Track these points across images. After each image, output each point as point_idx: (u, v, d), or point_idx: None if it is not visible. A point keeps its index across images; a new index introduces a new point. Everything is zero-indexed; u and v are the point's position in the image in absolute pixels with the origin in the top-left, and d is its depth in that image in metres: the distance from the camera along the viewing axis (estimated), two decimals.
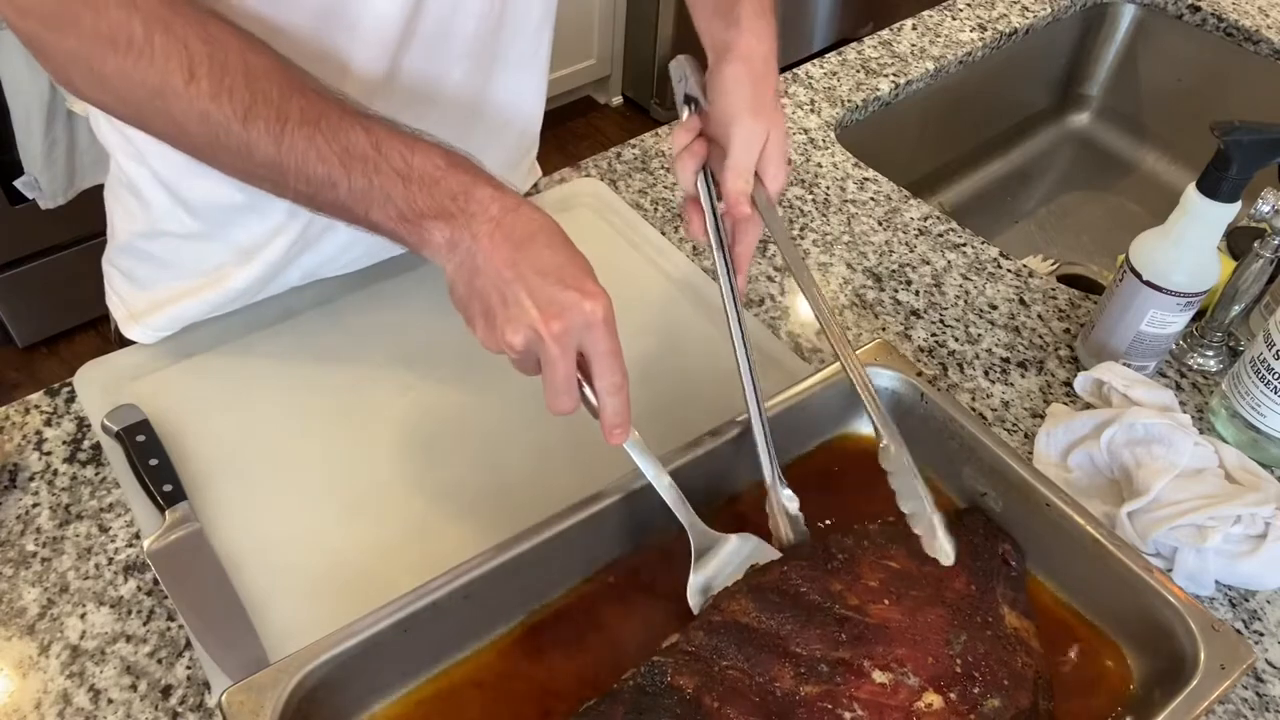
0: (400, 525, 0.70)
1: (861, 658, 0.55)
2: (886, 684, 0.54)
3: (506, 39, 0.74)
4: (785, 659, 0.54)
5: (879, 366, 0.72)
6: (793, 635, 0.55)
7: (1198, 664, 0.57)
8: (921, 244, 0.97)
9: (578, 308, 0.52)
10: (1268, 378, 0.73)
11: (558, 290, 0.52)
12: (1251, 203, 0.76)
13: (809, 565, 0.59)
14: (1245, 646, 0.58)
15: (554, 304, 0.52)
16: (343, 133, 0.53)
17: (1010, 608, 0.61)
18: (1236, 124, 0.72)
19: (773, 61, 0.66)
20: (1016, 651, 0.58)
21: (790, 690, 0.53)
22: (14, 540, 0.69)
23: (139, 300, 0.80)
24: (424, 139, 0.55)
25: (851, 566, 0.59)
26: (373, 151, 0.53)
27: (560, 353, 0.52)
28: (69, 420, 0.77)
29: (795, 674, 0.53)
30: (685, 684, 0.52)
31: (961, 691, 0.54)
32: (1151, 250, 0.77)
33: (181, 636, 0.64)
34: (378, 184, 0.53)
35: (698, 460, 0.65)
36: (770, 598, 0.57)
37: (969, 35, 1.25)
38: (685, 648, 0.55)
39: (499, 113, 0.79)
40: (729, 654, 0.54)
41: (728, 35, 0.65)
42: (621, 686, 0.53)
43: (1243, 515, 0.68)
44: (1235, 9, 1.29)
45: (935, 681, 0.54)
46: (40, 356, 2.03)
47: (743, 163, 0.63)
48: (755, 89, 0.63)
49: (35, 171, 1.24)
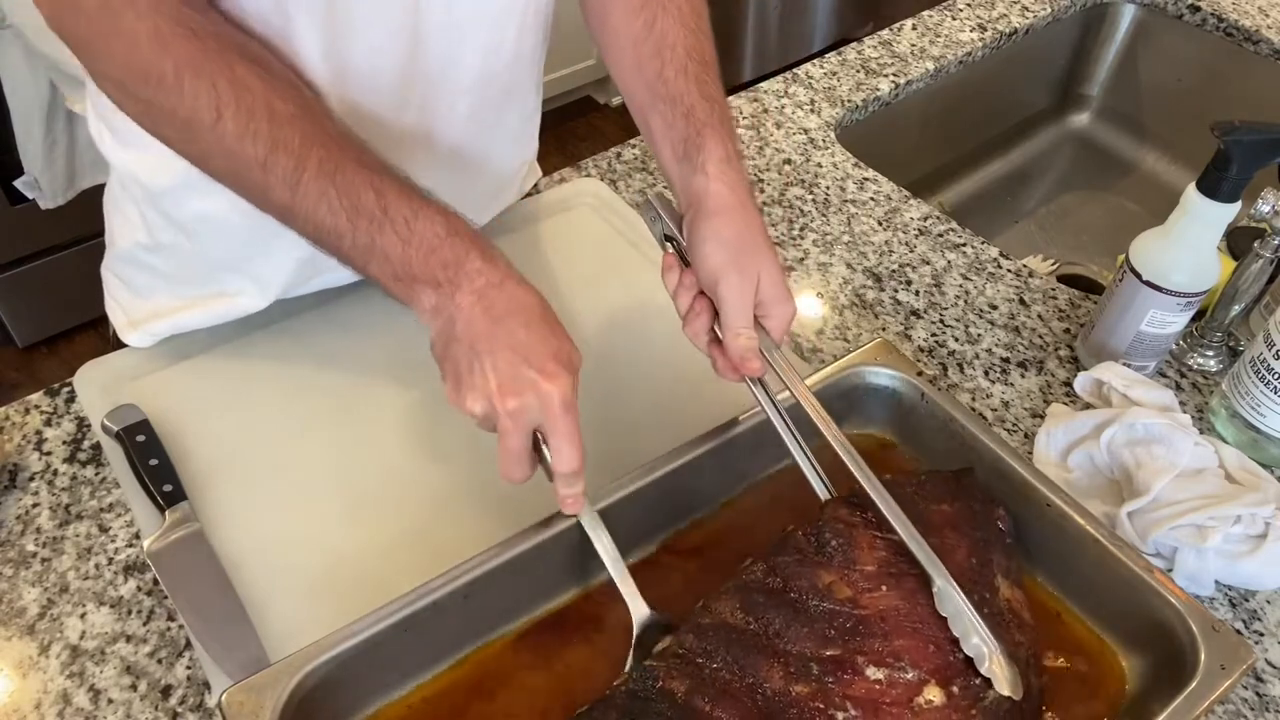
0: (400, 525, 0.70)
1: (854, 654, 0.53)
2: (882, 680, 0.53)
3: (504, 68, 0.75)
4: (775, 659, 0.53)
5: (879, 366, 0.72)
6: (781, 634, 0.54)
7: (1198, 664, 0.57)
8: (921, 244, 0.97)
9: (535, 388, 0.54)
10: (1268, 378, 0.73)
11: (521, 369, 0.54)
12: (1251, 203, 0.76)
13: (798, 560, 0.57)
14: (1245, 647, 0.58)
15: (514, 381, 0.54)
16: (355, 190, 0.56)
17: (1005, 578, 0.60)
18: (1236, 124, 0.72)
19: (749, 205, 0.65)
20: (1012, 629, 0.57)
21: (781, 690, 0.52)
22: (14, 540, 0.69)
23: (139, 308, 0.80)
24: (430, 203, 0.57)
25: (846, 550, 0.57)
26: (379, 213, 0.56)
27: (513, 427, 0.55)
28: (69, 420, 0.77)
29: (785, 674, 0.53)
30: (677, 688, 0.52)
31: (964, 684, 0.53)
32: (1151, 250, 0.77)
33: (181, 636, 0.64)
34: (379, 243, 0.56)
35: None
36: (757, 598, 0.56)
37: (969, 35, 1.25)
38: (676, 651, 0.54)
39: (497, 135, 0.80)
40: (719, 656, 0.54)
41: (696, 186, 0.65)
42: (614, 692, 0.53)
43: (1243, 515, 0.68)
44: (1235, 9, 1.29)
45: (936, 674, 0.53)
46: (40, 356, 2.03)
47: (737, 322, 0.62)
48: (737, 242, 0.62)
49: (35, 171, 1.24)
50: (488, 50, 0.70)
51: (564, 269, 0.91)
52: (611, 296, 0.87)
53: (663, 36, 0.69)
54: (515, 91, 0.77)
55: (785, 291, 0.63)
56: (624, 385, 0.80)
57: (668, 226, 0.67)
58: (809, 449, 0.63)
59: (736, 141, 0.67)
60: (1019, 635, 0.57)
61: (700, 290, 0.64)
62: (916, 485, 0.62)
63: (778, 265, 0.63)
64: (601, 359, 0.82)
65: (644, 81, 0.70)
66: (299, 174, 0.56)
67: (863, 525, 0.58)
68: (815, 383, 0.70)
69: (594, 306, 0.86)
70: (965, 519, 0.61)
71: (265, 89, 0.56)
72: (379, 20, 0.64)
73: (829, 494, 0.62)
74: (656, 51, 0.69)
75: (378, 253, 0.57)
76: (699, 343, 0.65)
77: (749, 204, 0.64)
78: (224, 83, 0.55)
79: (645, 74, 0.69)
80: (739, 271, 0.62)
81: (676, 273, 0.65)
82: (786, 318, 0.64)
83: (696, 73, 0.68)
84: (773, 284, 0.63)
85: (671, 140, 0.67)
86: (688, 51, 0.69)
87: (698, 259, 0.63)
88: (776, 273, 0.63)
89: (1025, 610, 0.59)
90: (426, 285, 0.56)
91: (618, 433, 0.77)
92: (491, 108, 0.76)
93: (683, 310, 0.65)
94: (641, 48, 0.70)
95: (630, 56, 0.71)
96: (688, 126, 0.66)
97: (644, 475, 0.65)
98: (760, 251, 0.63)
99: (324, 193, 0.56)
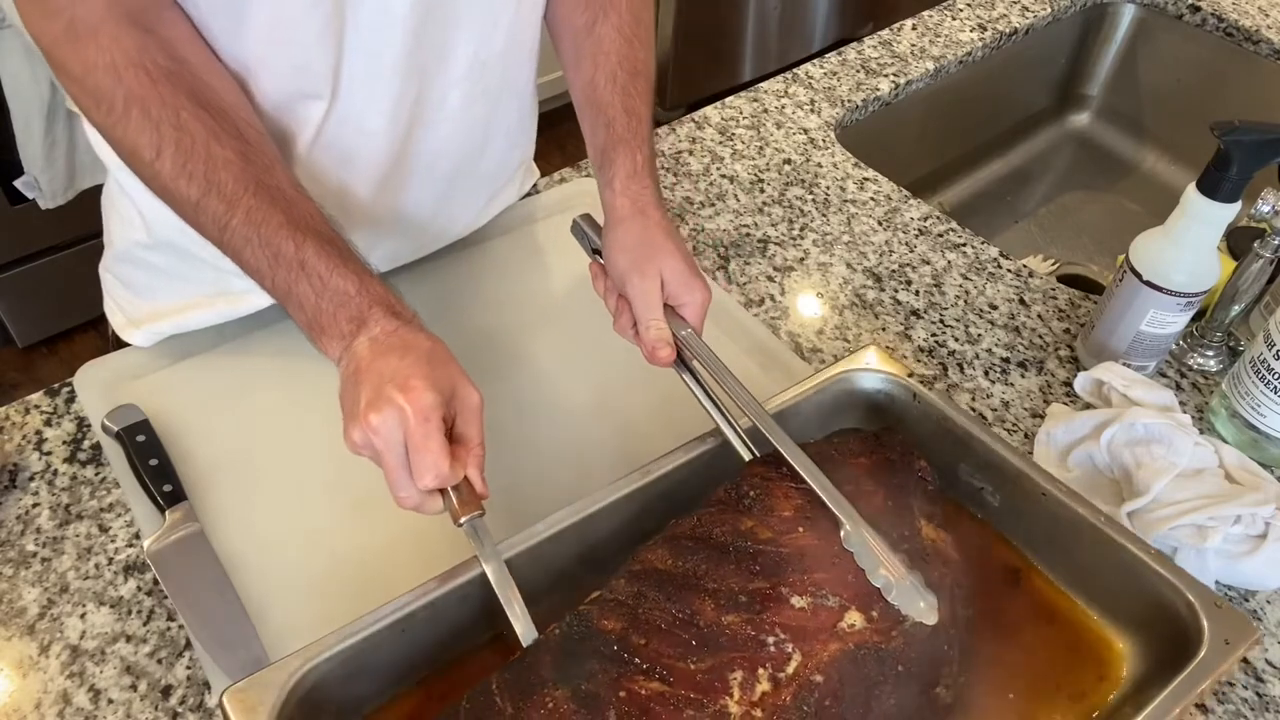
0: (400, 525, 0.70)
1: (778, 585, 0.55)
2: (806, 608, 0.55)
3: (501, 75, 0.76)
4: (705, 595, 0.55)
5: (870, 370, 0.72)
6: (709, 573, 0.56)
7: (1201, 640, 0.57)
8: (921, 244, 0.97)
9: (392, 403, 0.54)
10: (1268, 378, 0.73)
11: (385, 388, 0.55)
12: (1251, 203, 0.76)
13: (719, 510, 0.60)
14: (1250, 624, 0.58)
15: (376, 399, 0.55)
16: (277, 241, 0.59)
17: (927, 520, 0.62)
18: (1236, 124, 0.72)
19: (651, 212, 0.70)
20: (933, 562, 0.59)
21: (713, 621, 0.54)
22: (14, 540, 0.69)
23: (138, 308, 0.80)
24: (348, 263, 0.60)
25: (764, 500, 0.60)
26: (297, 265, 0.59)
27: (384, 447, 0.55)
28: (69, 420, 0.77)
29: (716, 606, 0.55)
30: (611, 627, 0.54)
31: (883, 609, 0.56)
32: (1151, 250, 0.77)
33: (181, 636, 0.64)
34: (295, 292, 0.59)
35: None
36: (685, 543, 0.58)
37: (969, 35, 1.25)
38: (608, 596, 0.56)
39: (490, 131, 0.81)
40: (651, 596, 0.55)
41: (606, 200, 0.71)
42: (547, 637, 0.54)
43: (1243, 515, 0.68)
44: (1235, 9, 1.29)
45: (855, 600, 0.55)
46: (40, 356, 2.03)
47: (645, 316, 0.68)
48: (637, 248, 0.68)
49: (35, 171, 1.23)
50: (480, 40, 0.71)
51: (563, 269, 0.91)
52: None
53: (599, 42, 0.74)
54: (508, 87, 0.78)
55: (693, 281, 0.68)
56: (621, 385, 0.80)
57: (593, 241, 0.75)
58: (735, 422, 0.66)
59: (649, 148, 0.72)
60: (942, 569, 0.59)
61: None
62: (836, 444, 0.65)
63: (682, 259, 0.68)
64: (599, 359, 0.82)
65: (579, 84, 0.75)
66: (227, 218, 0.59)
67: (778, 479, 0.61)
68: (808, 387, 0.71)
69: (593, 306, 0.86)
70: (882, 468, 0.63)
71: (207, 134, 0.59)
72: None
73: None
74: (592, 56, 0.74)
75: (294, 300, 0.60)
76: (626, 336, 0.70)
77: (650, 211, 0.70)
78: (167, 125, 0.59)
79: (581, 77, 0.75)
80: (639, 273, 0.68)
81: (602, 279, 0.73)
82: (698, 304, 0.68)
83: (625, 82, 0.73)
84: (675, 277, 0.68)
85: (593, 148, 0.74)
86: (620, 60, 0.73)
87: (608, 265, 0.71)
88: (679, 265, 0.68)
89: (952, 550, 0.62)
90: (334, 338, 0.59)
91: (616, 431, 0.77)
92: (483, 101, 0.76)
93: (610, 310, 0.72)
94: (581, 49, 0.75)
95: (570, 55, 0.76)
96: (606, 138, 0.72)
97: (641, 478, 0.65)
98: (661, 252, 0.68)
99: (248, 239, 0.59)
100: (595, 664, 0.52)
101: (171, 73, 0.59)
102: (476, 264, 0.91)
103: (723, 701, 0.51)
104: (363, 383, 0.56)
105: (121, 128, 0.59)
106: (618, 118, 0.72)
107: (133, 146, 0.59)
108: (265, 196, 0.60)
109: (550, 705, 0.51)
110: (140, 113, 0.58)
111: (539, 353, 0.83)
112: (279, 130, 0.68)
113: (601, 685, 0.51)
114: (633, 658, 0.52)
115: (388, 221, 0.79)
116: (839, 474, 0.61)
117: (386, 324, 0.59)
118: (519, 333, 0.85)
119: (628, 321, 0.70)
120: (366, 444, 0.56)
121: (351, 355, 0.58)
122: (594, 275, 0.74)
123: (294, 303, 0.60)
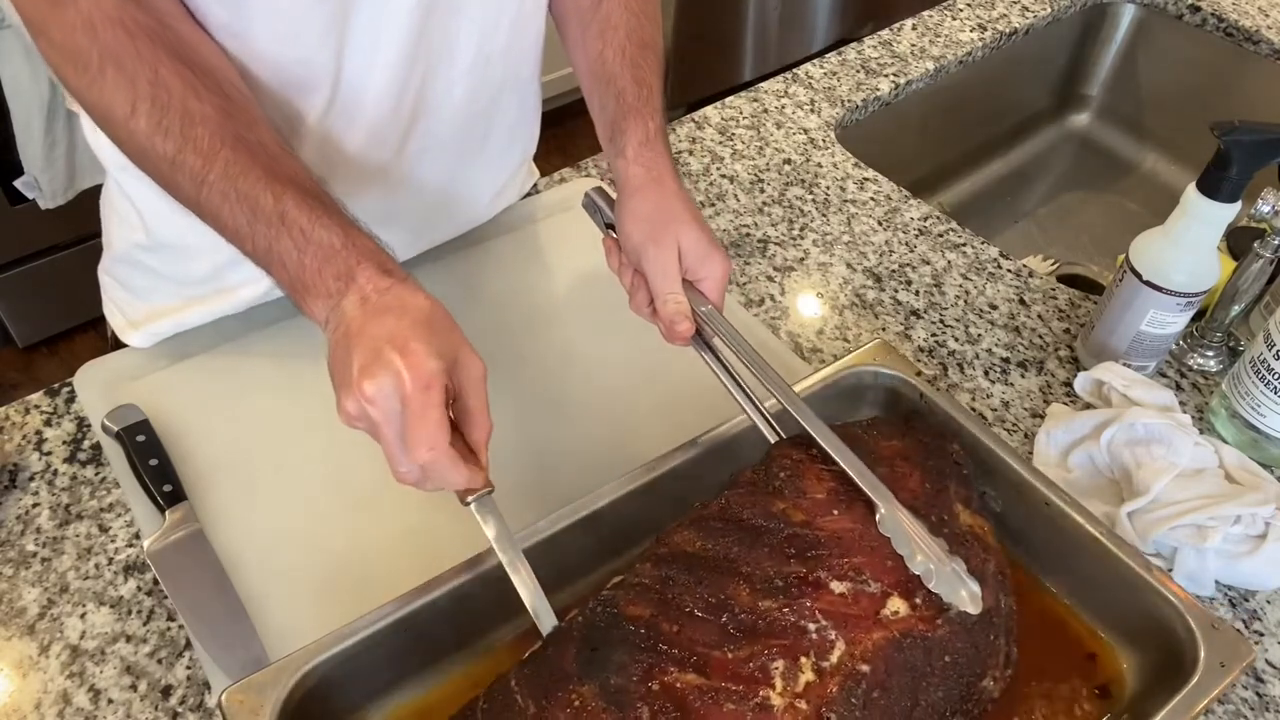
0: (400, 525, 0.70)
1: (816, 569, 0.52)
2: (847, 594, 0.52)
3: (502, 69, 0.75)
4: (738, 578, 0.52)
5: (878, 366, 0.72)
6: (742, 556, 0.53)
7: (1197, 661, 0.57)
8: (921, 244, 0.97)
9: (389, 368, 0.50)
10: (1268, 378, 0.73)
11: (383, 350, 0.50)
12: (1251, 203, 0.76)
13: (748, 491, 0.57)
14: (1245, 645, 0.58)
15: (373, 364, 0.50)
16: (255, 194, 0.55)
17: (964, 505, 0.59)
18: (1236, 124, 0.72)
19: (667, 181, 0.67)
20: (973, 548, 0.56)
21: (749, 606, 0.50)
22: (14, 540, 0.69)
23: (138, 309, 0.80)
24: (332, 215, 0.56)
25: (795, 482, 0.56)
26: (276, 219, 0.55)
27: (381, 418, 0.50)
28: (69, 420, 0.77)
29: (751, 590, 0.51)
30: (640, 612, 0.50)
31: (926, 596, 0.53)
32: (1151, 250, 0.77)
33: (181, 636, 0.64)
34: (276, 249, 0.55)
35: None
36: (714, 525, 0.55)
37: (969, 35, 1.25)
38: (633, 580, 0.52)
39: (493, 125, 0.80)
40: (680, 580, 0.51)
41: (619, 169, 0.68)
42: (569, 625, 0.51)
43: (1243, 515, 0.68)
44: (1235, 9, 1.29)
45: (897, 587, 0.53)
46: (40, 356, 2.03)
47: (662, 289, 0.65)
48: (654, 216, 0.65)
49: (35, 171, 1.23)
50: (484, 33, 0.71)
51: (564, 269, 0.91)
52: (611, 296, 0.87)
53: (607, 18, 0.72)
54: (512, 81, 0.78)
55: (713, 253, 0.65)
56: (623, 385, 0.80)
57: (606, 215, 0.72)
58: (760, 403, 0.64)
59: (661, 119, 0.69)
60: (983, 554, 0.57)
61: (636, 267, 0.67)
62: (866, 426, 0.63)
63: (699, 229, 0.65)
64: (600, 359, 0.82)
65: (586, 62, 0.72)
66: (205, 172, 0.55)
67: (809, 460, 0.58)
68: (814, 383, 0.71)
69: (593, 306, 0.87)
70: (916, 451, 0.61)
71: (184, 88, 0.56)
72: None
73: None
74: (599, 32, 0.72)
75: (276, 258, 0.55)
76: (643, 315, 0.67)
77: (666, 180, 0.67)
78: (143, 80, 0.55)
79: (588, 54, 0.72)
80: (656, 243, 0.65)
81: (616, 255, 0.69)
82: (718, 277, 0.66)
83: (634, 55, 0.70)
84: (694, 247, 0.65)
85: (603, 123, 0.70)
86: (628, 33, 0.71)
87: (622, 239, 0.67)
88: (697, 235, 0.65)
89: (990, 536, 0.59)
90: (319, 296, 0.54)
91: (618, 431, 0.77)
92: (487, 95, 0.76)
93: (626, 287, 0.68)
94: (588, 28, 0.72)
95: (576, 34, 0.74)
96: (616, 108, 0.69)
97: (647, 473, 0.65)
98: (678, 220, 0.65)
99: (225, 195, 0.55)
100: (624, 654, 0.49)
101: (152, 30, 0.56)
102: (476, 263, 0.91)
103: (764, 693, 0.48)
104: (355, 346, 0.51)
105: (97, 88, 0.56)
106: (628, 88, 0.69)
107: (108, 106, 0.56)
108: (244, 150, 0.56)
109: (577, 703, 0.47)
110: (115, 69, 0.55)
111: (539, 353, 0.83)
112: (278, 122, 0.67)
113: (632, 678, 0.48)
114: (665, 647, 0.49)
115: (387, 215, 0.79)
116: (870, 456, 0.58)
117: (379, 281, 0.53)
118: (519, 333, 0.85)
119: (644, 299, 0.67)
120: (362, 415, 0.51)
121: (340, 316, 0.53)
122: (608, 251, 0.70)
123: (275, 261, 0.55)
